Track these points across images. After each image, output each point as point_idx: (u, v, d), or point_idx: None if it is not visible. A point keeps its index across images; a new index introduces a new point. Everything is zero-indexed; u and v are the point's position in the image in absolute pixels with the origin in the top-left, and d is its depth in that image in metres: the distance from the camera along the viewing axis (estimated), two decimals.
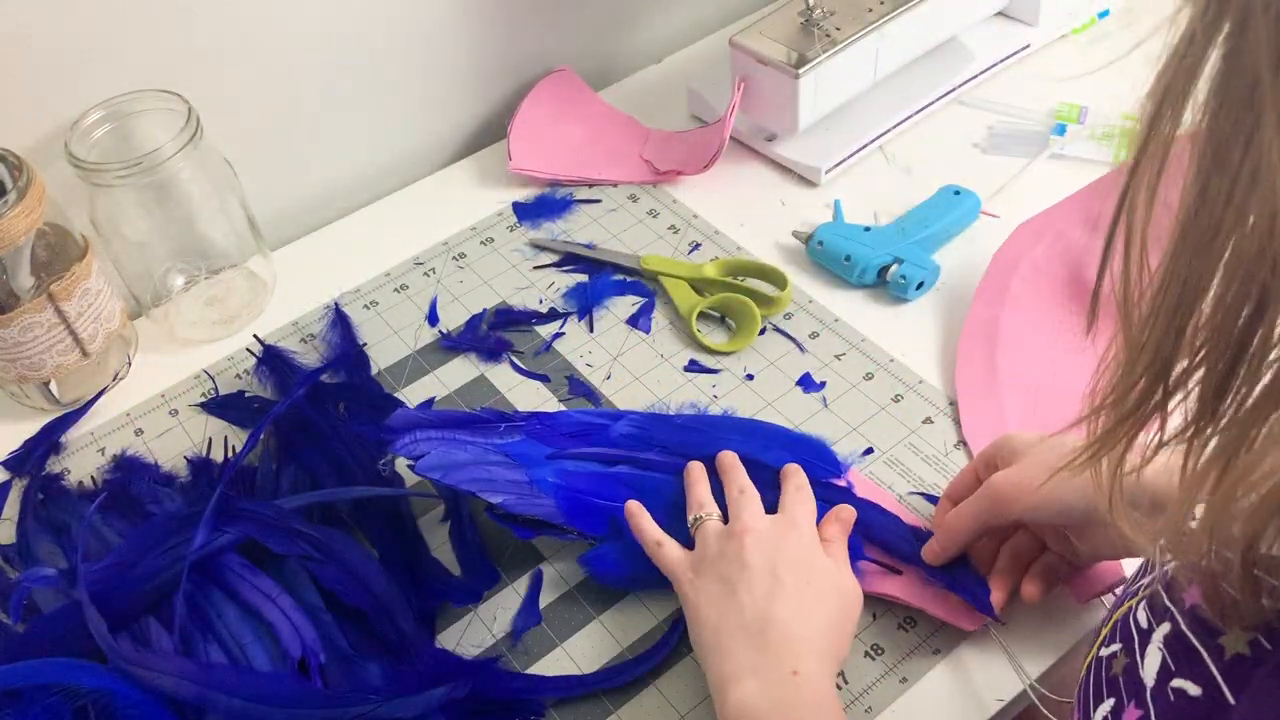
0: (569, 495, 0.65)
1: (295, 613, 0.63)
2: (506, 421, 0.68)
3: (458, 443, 0.66)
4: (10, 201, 0.69)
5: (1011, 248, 0.81)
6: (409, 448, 0.66)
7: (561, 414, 0.71)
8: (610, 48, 1.06)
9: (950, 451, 0.71)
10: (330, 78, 0.89)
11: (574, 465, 0.67)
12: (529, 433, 0.68)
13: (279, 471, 0.72)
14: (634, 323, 0.82)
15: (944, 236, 0.83)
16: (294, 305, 0.86)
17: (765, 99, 0.89)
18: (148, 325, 0.85)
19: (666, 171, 0.93)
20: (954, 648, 0.62)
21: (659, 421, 0.71)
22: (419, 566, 0.67)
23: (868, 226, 0.84)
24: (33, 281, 0.73)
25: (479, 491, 0.65)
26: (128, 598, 0.63)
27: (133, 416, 0.79)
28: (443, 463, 0.65)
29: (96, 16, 0.76)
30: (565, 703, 0.61)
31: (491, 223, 0.91)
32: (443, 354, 0.81)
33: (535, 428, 0.68)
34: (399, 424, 0.67)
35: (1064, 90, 0.95)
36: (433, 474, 0.65)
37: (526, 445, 0.67)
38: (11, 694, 0.58)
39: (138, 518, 0.70)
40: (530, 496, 0.65)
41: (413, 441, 0.66)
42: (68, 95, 0.76)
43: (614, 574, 0.65)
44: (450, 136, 1.00)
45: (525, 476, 0.66)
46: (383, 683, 0.61)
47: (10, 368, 0.75)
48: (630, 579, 0.65)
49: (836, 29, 0.87)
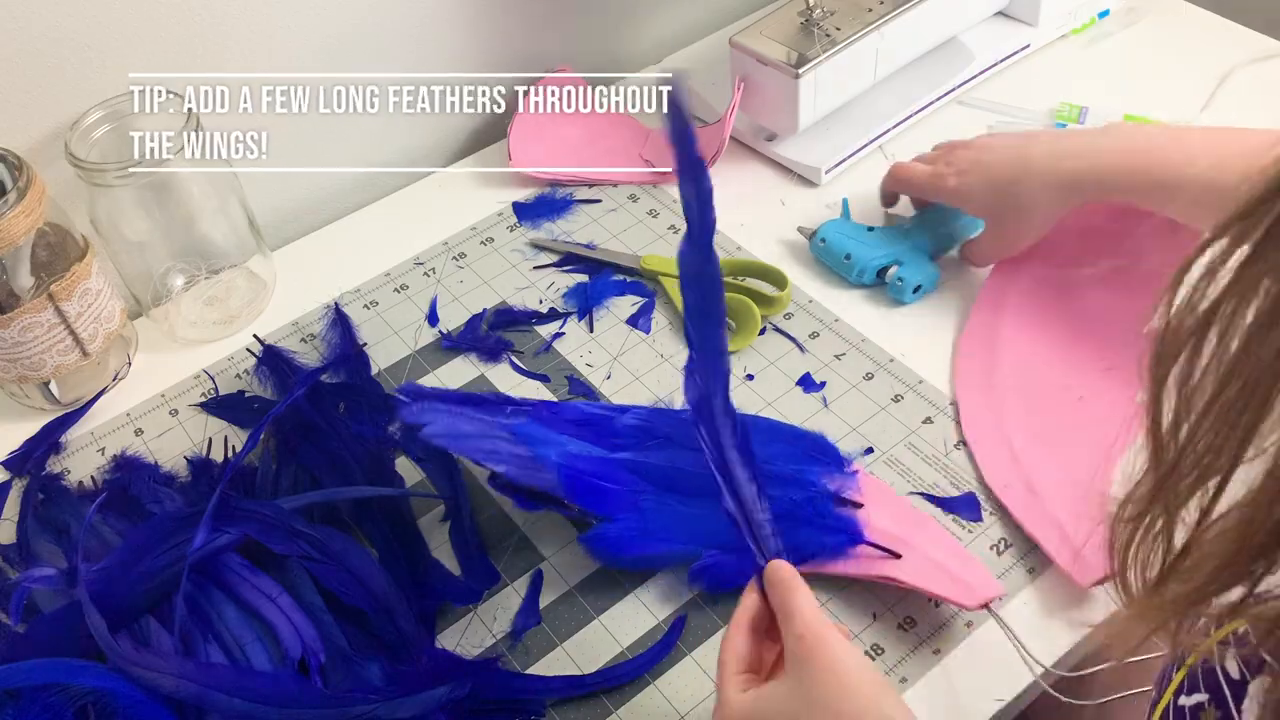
0: (572, 475, 0.66)
1: (295, 613, 0.63)
2: (513, 405, 0.69)
3: (465, 416, 0.67)
4: (10, 201, 0.69)
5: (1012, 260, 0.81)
6: (416, 415, 0.66)
7: (568, 404, 0.71)
8: (610, 48, 1.06)
9: (950, 451, 0.71)
10: (330, 77, 0.89)
11: (578, 447, 0.67)
12: (535, 417, 0.68)
13: (279, 471, 0.72)
14: (634, 323, 0.82)
15: (949, 241, 0.83)
16: (294, 305, 0.86)
17: (765, 99, 0.89)
18: (148, 325, 0.85)
19: (666, 171, 0.93)
20: (954, 648, 0.62)
21: (664, 416, 0.71)
22: (419, 566, 0.67)
23: (871, 227, 0.83)
24: (33, 281, 0.73)
25: (482, 460, 0.65)
26: (128, 598, 0.63)
27: (133, 416, 0.79)
28: (449, 431, 0.66)
29: (96, 16, 0.76)
30: (565, 703, 0.61)
31: (491, 223, 0.91)
32: (443, 354, 0.81)
33: (542, 414, 0.69)
34: (409, 392, 0.67)
35: (1064, 90, 0.95)
36: (438, 440, 0.65)
37: (531, 427, 0.68)
38: (11, 694, 0.58)
39: (138, 518, 0.70)
40: (533, 469, 0.65)
41: (421, 410, 0.66)
42: (68, 95, 0.76)
43: (614, 554, 0.65)
44: (450, 136, 1.00)
45: (529, 452, 0.66)
46: (383, 683, 0.61)
47: (10, 368, 0.75)
48: (631, 560, 0.65)
49: (836, 29, 0.87)
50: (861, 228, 0.83)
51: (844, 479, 0.68)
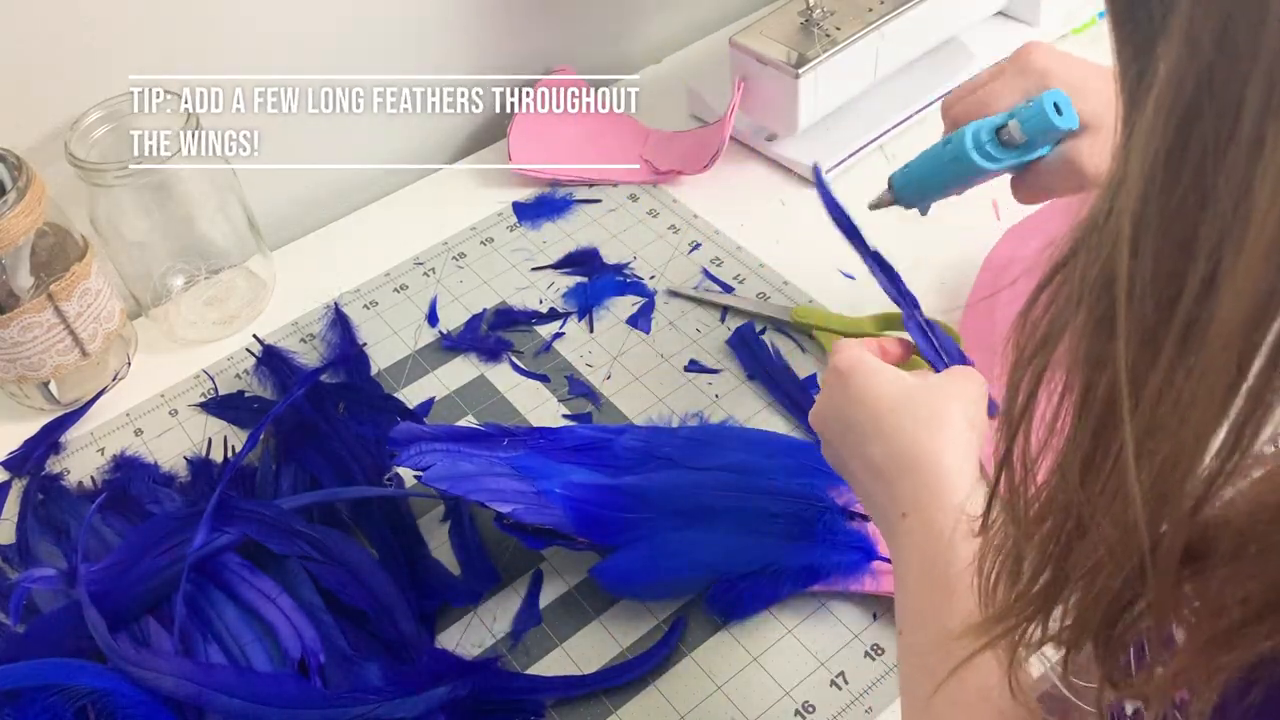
0: (577, 506, 0.65)
1: (295, 613, 0.63)
2: (509, 436, 0.68)
3: (463, 455, 0.66)
4: (10, 201, 0.69)
5: (1002, 250, 0.81)
6: (414, 459, 0.65)
7: (564, 429, 0.70)
8: (610, 48, 1.06)
9: None
10: (330, 77, 0.89)
11: (580, 476, 0.67)
12: (532, 447, 0.67)
13: (279, 471, 0.72)
14: (634, 323, 0.82)
15: None
16: (294, 305, 0.86)
17: (765, 99, 0.89)
18: (148, 325, 0.85)
19: (666, 171, 0.93)
20: None
21: (662, 435, 0.71)
22: (419, 566, 0.67)
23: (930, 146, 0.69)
24: (32, 281, 0.73)
25: (488, 501, 0.64)
26: (128, 598, 0.63)
27: (132, 416, 0.79)
28: (450, 473, 0.65)
29: (96, 16, 0.76)
30: (565, 703, 0.61)
31: (491, 223, 0.91)
32: (443, 354, 0.81)
33: (538, 442, 0.68)
34: (402, 437, 0.66)
35: None
36: (440, 484, 0.64)
37: (531, 459, 0.67)
38: (11, 694, 0.58)
39: (137, 518, 0.70)
40: (539, 506, 0.64)
41: (418, 453, 0.65)
42: (68, 95, 0.76)
43: (625, 585, 0.65)
44: (450, 136, 1.00)
45: (532, 488, 0.65)
46: (383, 683, 0.61)
47: (10, 368, 0.75)
48: (641, 589, 0.65)
49: (836, 29, 0.87)
50: (925, 151, 0.68)
51: (851, 491, 0.67)
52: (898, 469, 0.51)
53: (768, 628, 0.64)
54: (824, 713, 0.60)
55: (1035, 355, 0.34)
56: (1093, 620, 0.33)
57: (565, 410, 0.76)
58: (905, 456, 0.51)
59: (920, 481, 0.50)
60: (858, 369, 0.55)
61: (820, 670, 0.62)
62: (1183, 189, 0.27)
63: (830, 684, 0.61)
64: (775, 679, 0.62)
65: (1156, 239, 0.28)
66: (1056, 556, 0.34)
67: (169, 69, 0.79)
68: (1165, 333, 0.28)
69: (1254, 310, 0.26)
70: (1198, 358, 0.27)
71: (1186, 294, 0.27)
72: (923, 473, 0.50)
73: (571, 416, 0.76)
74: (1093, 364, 0.31)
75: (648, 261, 0.86)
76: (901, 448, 0.51)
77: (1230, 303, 0.26)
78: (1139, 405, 0.29)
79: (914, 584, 0.49)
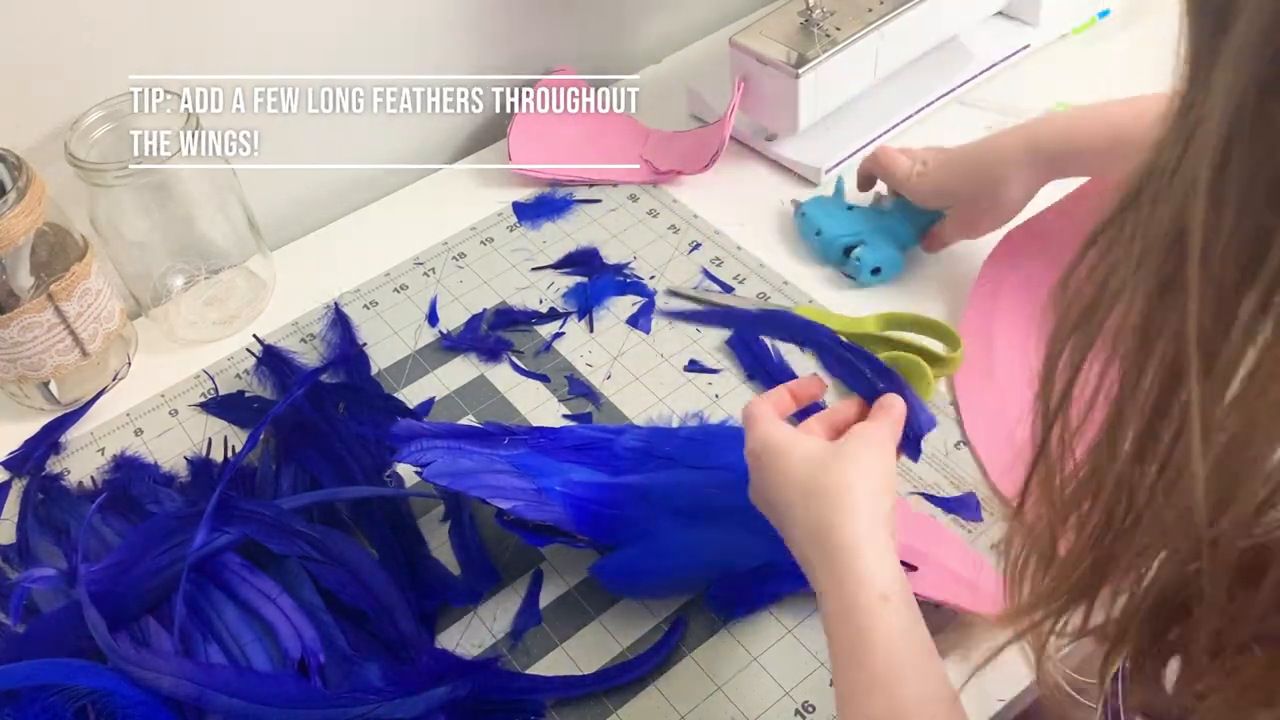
0: (577, 504, 0.65)
1: (295, 613, 0.63)
2: (510, 435, 0.68)
3: (464, 452, 0.66)
4: (10, 201, 0.69)
5: (1004, 249, 0.81)
6: (415, 456, 0.65)
7: (565, 429, 0.70)
8: (610, 48, 1.06)
9: (950, 451, 0.71)
10: (330, 77, 0.89)
11: (580, 475, 0.67)
12: (533, 446, 0.67)
13: (279, 471, 0.72)
14: (634, 323, 0.82)
15: (922, 232, 0.82)
16: (294, 305, 0.86)
17: (765, 99, 0.89)
18: (147, 325, 0.85)
19: (666, 171, 0.93)
20: (954, 648, 0.62)
21: (662, 435, 0.71)
22: (419, 566, 0.67)
23: (853, 206, 0.84)
24: (33, 281, 0.73)
25: (489, 498, 0.64)
26: (128, 598, 0.63)
27: (132, 416, 0.79)
28: (451, 469, 0.65)
29: (96, 16, 0.76)
30: (565, 703, 0.61)
31: (491, 223, 0.91)
32: (443, 354, 0.81)
33: (539, 441, 0.68)
34: (402, 433, 0.66)
35: (1064, 90, 0.95)
36: (441, 480, 0.64)
37: (531, 458, 0.67)
38: (11, 694, 0.58)
39: (138, 518, 0.70)
40: (539, 503, 0.64)
41: (419, 450, 0.65)
42: (68, 95, 0.76)
43: (625, 582, 0.65)
44: (450, 136, 1.00)
45: (532, 485, 0.65)
46: (383, 683, 0.61)
47: (10, 368, 0.75)
48: (641, 587, 0.65)
49: (836, 29, 0.87)
50: (843, 206, 0.84)
51: None
52: (813, 548, 0.53)
53: (768, 628, 0.64)
54: (824, 713, 0.60)
55: (1080, 324, 0.31)
56: (1135, 620, 0.31)
57: (565, 410, 0.76)
58: (819, 536, 0.52)
59: (836, 560, 0.51)
60: (767, 451, 0.57)
61: (820, 670, 0.62)
62: (1277, 127, 0.23)
63: (830, 684, 0.61)
64: (775, 679, 0.62)
65: (1240, 187, 0.24)
66: (1098, 541, 0.32)
67: (169, 69, 0.79)
68: (1244, 295, 0.25)
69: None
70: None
71: (1275, 252, 0.24)
72: (834, 551, 0.51)
73: (571, 416, 0.76)
74: (1155, 329, 0.28)
75: (648, 261, 0.87)
76: (814, 530, 0.53)
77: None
78: (1209, 376, 0.26)
79: (838, 658, 0.50)
